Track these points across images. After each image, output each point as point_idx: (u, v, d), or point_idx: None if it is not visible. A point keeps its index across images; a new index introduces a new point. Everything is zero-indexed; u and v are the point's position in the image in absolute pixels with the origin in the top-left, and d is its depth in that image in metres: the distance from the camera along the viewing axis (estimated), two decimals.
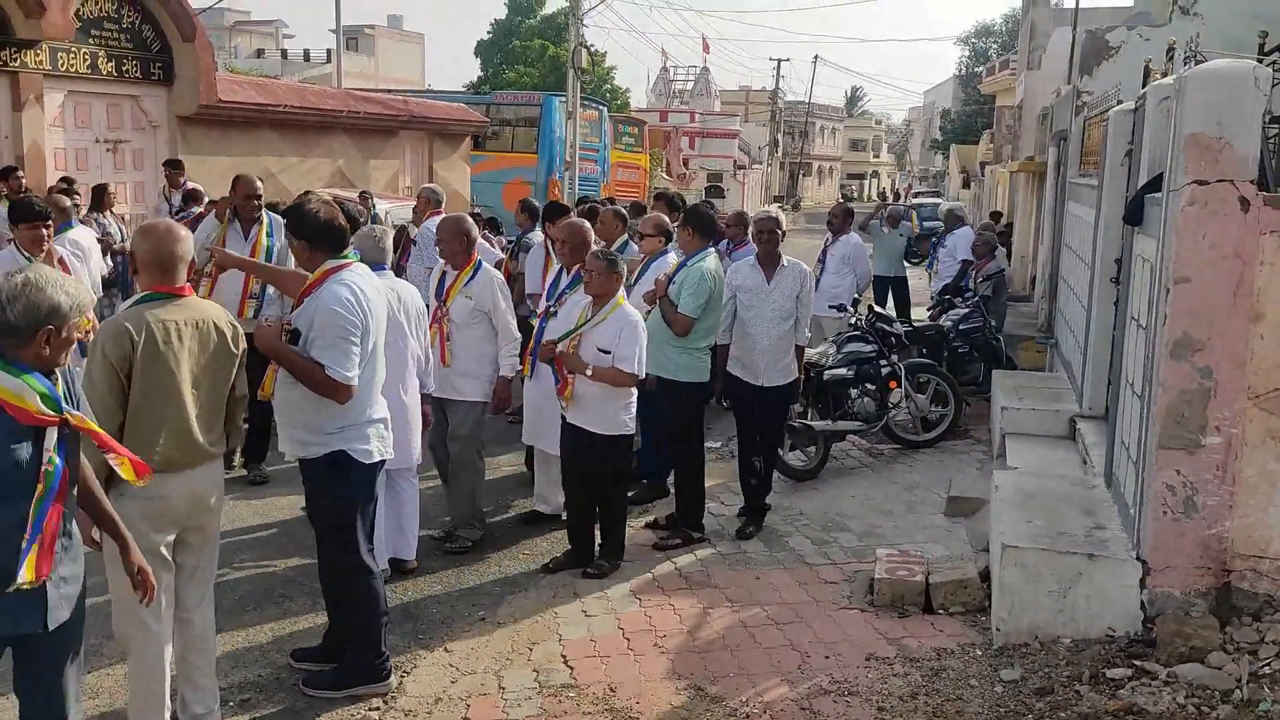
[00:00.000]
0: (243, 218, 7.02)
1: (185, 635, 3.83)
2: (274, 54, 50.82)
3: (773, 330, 6.23)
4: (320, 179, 15.50)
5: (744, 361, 6.31)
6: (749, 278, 6.32)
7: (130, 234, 7.53)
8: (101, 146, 13.16)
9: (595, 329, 5.47)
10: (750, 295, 6.27)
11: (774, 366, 6.27)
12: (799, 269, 6.34)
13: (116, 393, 3.45)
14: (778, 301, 6.23)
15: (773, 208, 6.35)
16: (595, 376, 5.38)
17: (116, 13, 12.90)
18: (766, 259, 6.30)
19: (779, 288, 6.24)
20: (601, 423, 5.48)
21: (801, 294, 6.30)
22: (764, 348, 6.23)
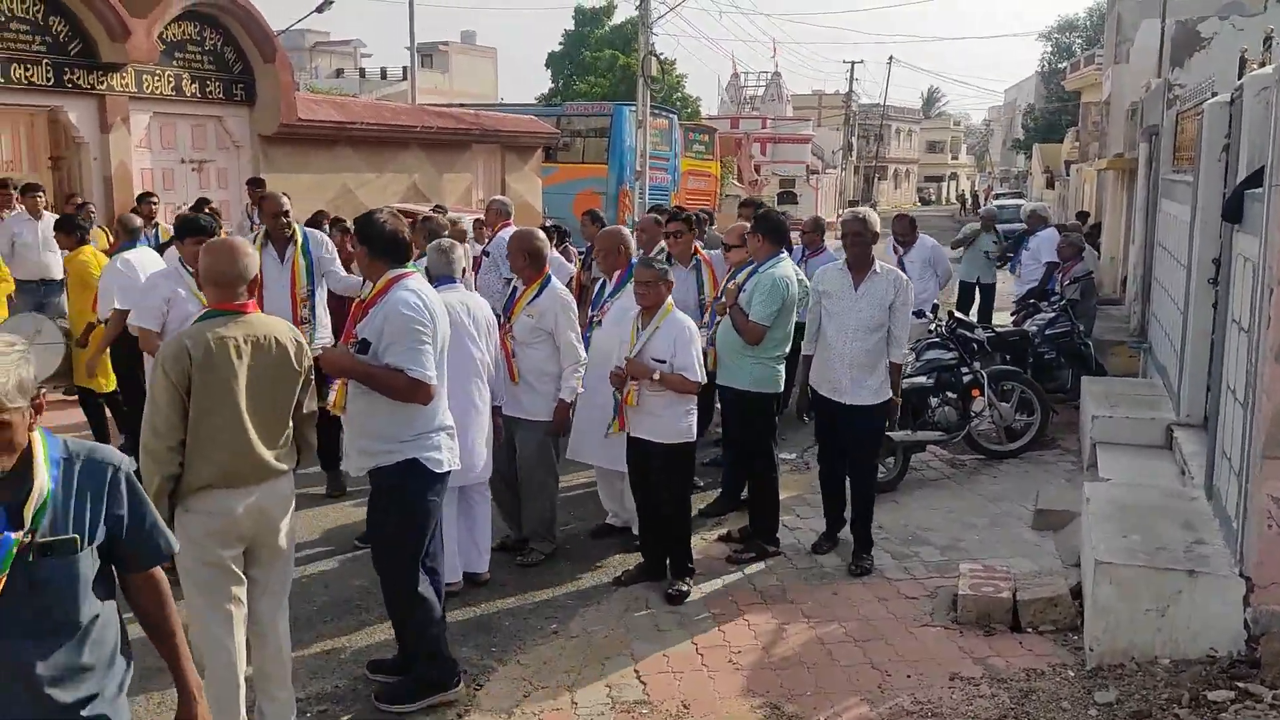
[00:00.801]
0: (274, 238, 6.73)
1: (260, 649, 3.83)
2: (352, 73, 51.85)
3: (857, 342, 5.67)
4: (395, 194, 15.71)
5: (825, 375, 5.83)
6: (835, 282, 5.81)
7: None
8: (187, 166, 13.49)
9: (650, 340, 5.36)
10: (834, 302, 5.77)
11: (860, 384, 5.70)
12: (893, 277, 5.76)
13: (178, 409, 3.46)
14: (865, 310, 5.67)
15: (863, 207, 5.88)
16: (663, 382, 5.27)
17: (199, 35, 13.23)
18: (855, 262, 5.76)
19: (868, 295, 5.69)
20: (663, 432, 5.36)
21: (895, 304, 5.68)
22: (846, 361, 5.70)
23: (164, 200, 12.67)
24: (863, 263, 5.74)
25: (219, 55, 13.54)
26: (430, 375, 4.05)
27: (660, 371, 5.27)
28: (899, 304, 5.71)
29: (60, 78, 11.65)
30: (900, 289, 5.73)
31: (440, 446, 4.25)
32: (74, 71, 11.78)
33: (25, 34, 11.31)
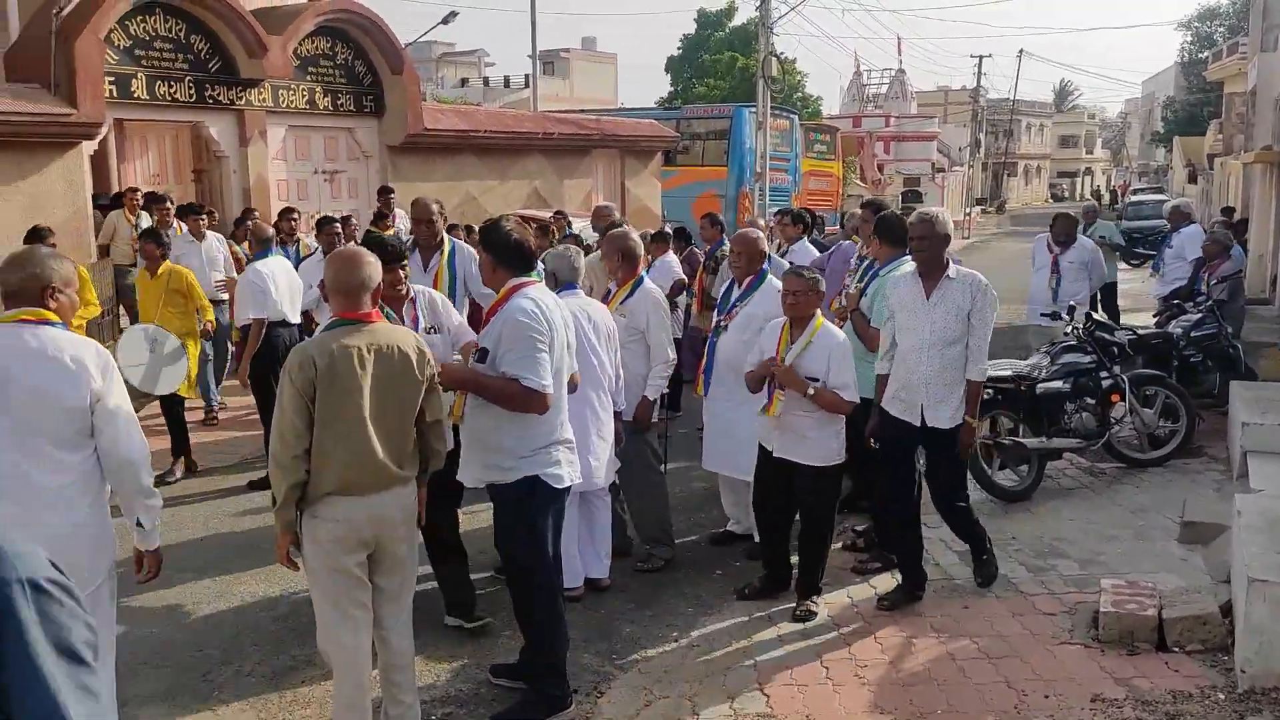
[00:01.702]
0: (422, 245, 6.43)
1: (385, 653, 3.89)
2: (476, 82, 52.93)
3: (934, 357, 5.06)
4: (518, 200, 15.93)
5: (901, 396, 5.21)
6: (905, 292, 5.20)
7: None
8: (319, 177, 13.94)
9: (802, 355, 5.11)
10: (907, 314, 5.17)
11: (940, 403, 5.11)
12: (970, 281, 5.13)
13: (304, 417, 3.53)
14: (940, 321, 5.06)
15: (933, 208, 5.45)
16: (817, 398, 5.01)
17: (331, 50, 13.65)
18: (925, 268, 5.15)
19: (942, 304, 5.07)
20: (812, 454, 5.13)
21: (974, 313, 5.06)
22: (923, 378, 5.10)
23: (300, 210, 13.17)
24: (934, 268, 5.12)
25: (350, 69, 13.95)
26: (546, 384, 4.02)
27: (814, 388, 5.02)
28: (979, 313, 5.08)
29: (202, 94, 12.16)
30: (979, 295, 5.09)
31: (560, 462, 4.23)
32: (214, 88, 12.29)
33: (169, 53, 11.85)
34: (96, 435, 3.27)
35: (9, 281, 3.28)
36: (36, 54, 10.65)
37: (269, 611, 5.31)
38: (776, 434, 5.19)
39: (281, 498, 3.55)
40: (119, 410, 3.32)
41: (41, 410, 3.18)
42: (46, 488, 3.19)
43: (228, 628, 5.12)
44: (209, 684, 4.56)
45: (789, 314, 5.22)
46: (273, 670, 4.69)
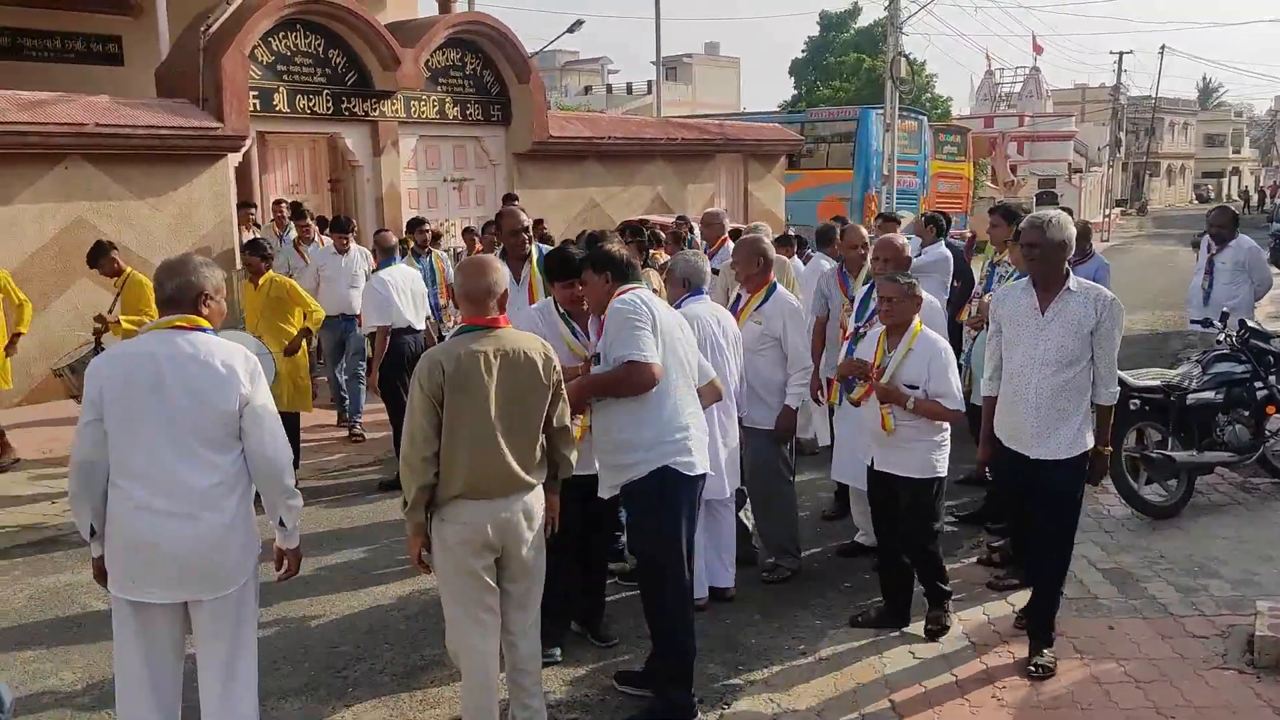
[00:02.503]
0: (511, 255, 6.27)
1: (512, 656, 3.91)
2: (600, 89, 53.44)
3: (1046, 380, 4.48)
4: (640, 206, 16.00)
5: (1008, 422, 4.64)
6: (1016, 305, 4.62)
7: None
8: (448, 185, 14.26)
9: (902, 364, 4.93)
10: (1017, 330, 4.59)
11: (1050, 433, 4.50)
12: (1094, 295, 4.49)
13: (432, 421, 3.59)
14: (1055, 339, 4.47)
15: (1049, 210, 4.82)
16: (916, 410, 4.85)
17: (460, 61, 13.96)
18: (1039, 279, 4.54)
19: (1058, 320, 4.47)
20: (911, 465, 4.92)
21: (1099, 331, 4.44)
22: (1032, 404, 4.51)
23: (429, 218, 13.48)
24: (1049, 280, 4.52)
25: (478, 79, 14.23)
26: (648, 355, 4.08)
27: (914, 399, 4.85)
28: (1104, 331, 4.45)
29: (339, 106, 12.58)
30: (1105, 310, 4.45)
31: (689, 449, 4.23)
32: (350, 100, 12.70)
33: (309, 67, 12.29)
34: (244, 438, 3.38)
35: (165, 288, 3.40)
36: (186, 71, 11.19)
37: (401, 610, 5.42)
38: (877, 445, 5.04)
39: (411, 500, 3.62)
40: (266, 414, 3.42)
41: (194, 413, 3.30)
42: (199, 487, 3.30)
43: (361, 625, 5.24)
44: (343, 680, 4.67)
45: (884, 321, 5.07)
46: (404, 669, 4.77)
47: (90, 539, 3.39)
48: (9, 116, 9.58)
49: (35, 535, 6.58)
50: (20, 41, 15.53)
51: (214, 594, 3.37)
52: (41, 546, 6.41)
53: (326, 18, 12.24)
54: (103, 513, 3.35)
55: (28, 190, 9.87)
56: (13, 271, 9.74)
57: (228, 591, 3.40)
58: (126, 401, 3.26)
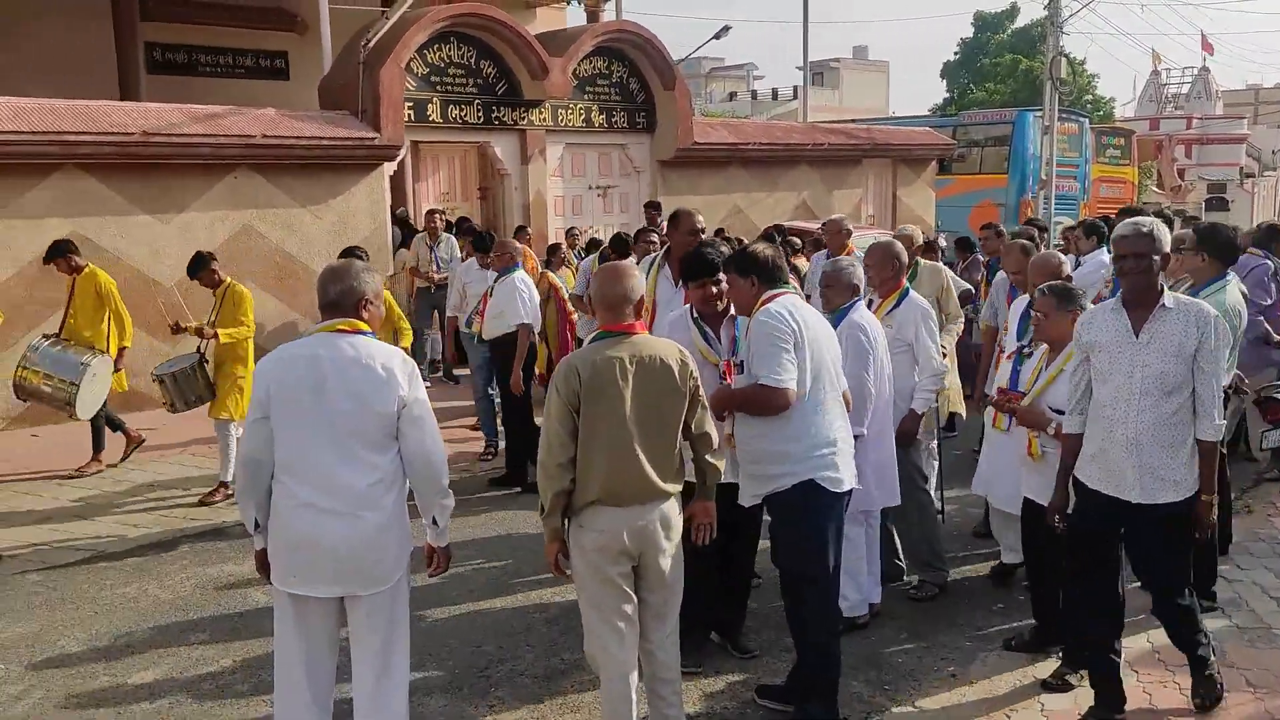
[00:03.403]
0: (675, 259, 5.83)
1: (650, 666, 3.88)
2: (744, 95, 53.33)
3: (1145, 411, 3.93)
4: (785, 212, 15.84)
5: (1100, 461, 4.08)
6: (1105, 328, 4.06)
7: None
8: (593, 193, 14.41)
9: (1053, 385, 4.63)
10: (1108, 356, 4.03)
11: (1158, 471, 3.96)
12: (1195, 313, 3.94)
13: (568, 427, 3.60)
14: (1155, 364, 3.92)
15: (1148, 217, 4.32)
16: (1058, 436, 4.47)
17: (607, 69, 14.09)
18: (1134, 296, 4.00)
19: (1156, 341, 3.94)
20: (1047, 492, 4.50)
21: (1201, 353, 3.90)
22: (1129, 439, 3.95)
23: (571, 224, 13.68)
24: (1145, 297, 3.98)
25: (624, 86, 14.34)
26: (782, 379, 3.98)
27: (1056, 424, 4.49)
28: (1208, 353, 3.91)
29: (489, 116, 12.87)
30: (1207, 330, 3.91)
31: (836, 465, 4.13)
32: (500, 109, 12.98)
33: (461, 78, 12.62)
34: (400, 438, 3.46)
35: (329, 292, 3.50)
36: (346, 83, 11.64)
37: (541, 614, 5.46)
38: (1025, 469, 4.80)
39: (548, 506, 3.63)
40: (423, 416, 3.49)
41: (355, 415, 3.39)
42: (358, 486, 3.40)
43: (503, 626, 5.30)
44: (486, 680, 4.73)
45: (1038, 338, 4.81)
46: (545, 671, 4.80)
47: (254, 532, 3.53)
48: (185, 129, 10.13)
49: (201, 526, 6.91)
50: (196, 58, 16.49)
51: (370, 590, 3.46)
52: (206, 537, 6.71)
53: (479, 29, 12.54)
54: (267, 507, 3.47)
55: (201, 199, 10.42)
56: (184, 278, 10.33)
57: (383, 588, 3.49)
58: (291, 402, 3.37)
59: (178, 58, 16.28)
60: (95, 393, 7.68)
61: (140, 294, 9.18)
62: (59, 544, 6.56)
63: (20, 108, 9.41)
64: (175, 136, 10.03)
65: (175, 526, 6.88)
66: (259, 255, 10.88)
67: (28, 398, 7.73)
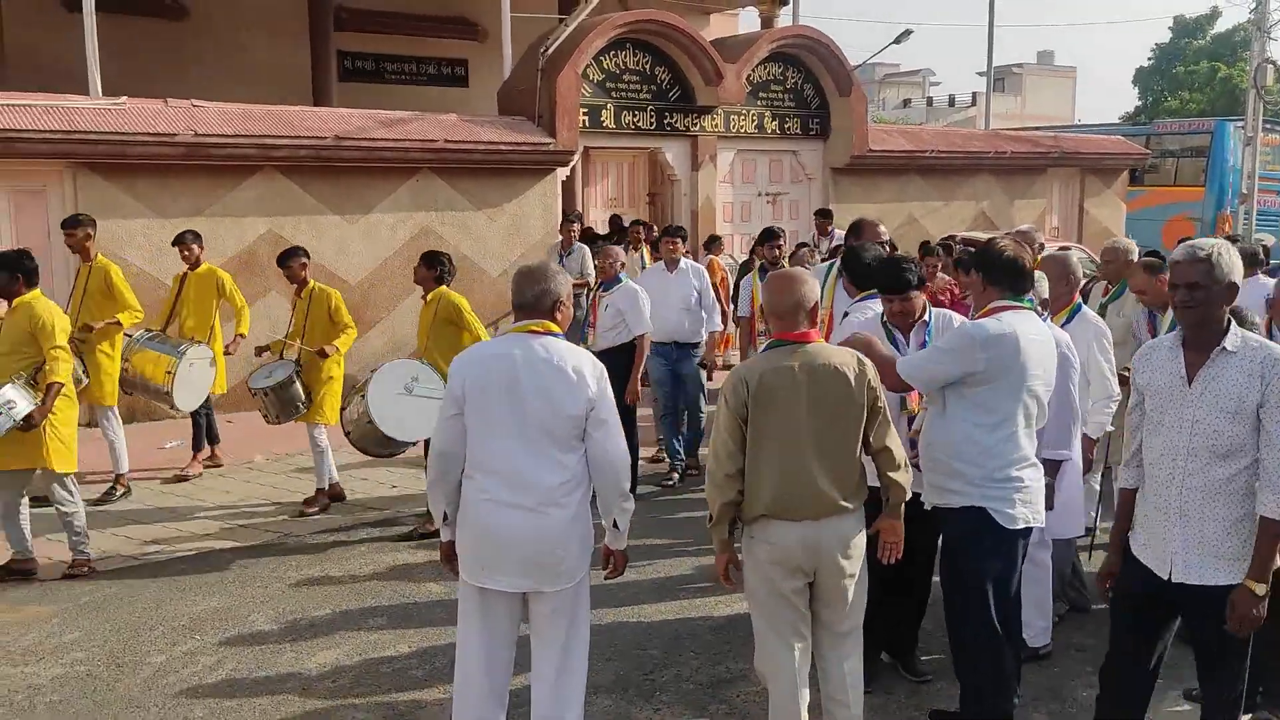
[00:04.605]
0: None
1: (826, 684, 3.78)
2: (919, 102, 52.15)
3: (1195, 475, 3.26)
4: (963, 222, 15.38)
5: (1145, 528, 3.44)
6: (1161, 370, 3.39)
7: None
8: (763, 199, 14.32)
9: None
10: (1159, 404, 3.37)
11: (1204, 548, 3.27)
12: (1261, 357, 3.23)
13: (736, 437, 3.54)
14: (1207, 418, 3.24)
15: (1210, 240, 3.38)
16: None
17: (781, 75, 13.99)
18: (1192, 334, 3.33)
19: (1211, 391, 3.25)
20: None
21: (1267, 409, 3.18)
22: (1175, 505, 3.30)
23: (740, 232, 13.63)
24: (1201, 337, 3.30)
25: (798, 92, 14.20)
26: (915, 378, 3.95)
27: None
28: (1273, 408, 3.17)
29: (661, 122, 12.96)
30: (1274, 379, 3.18)
31: (1013, 500, 3.91)
32: (672, 115, 13.05)
33: (635, 84, 12.75)
34: (587, 439, 3.50)
35: (526, 294, 3.55)
36: (525, 89, 11.93)
37: (706, 621, 5.41)
38: None
39: (715, 516, 3.59)
40: (610, 419, 3.52)
41: (546, 414, 3.43)
42: (548, 485, 3.44)
43: (668, 631, 5.28)
44: (651, 683, 4.71)
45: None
46: (710, 679, 4.75)
47: (443, 524, 3.61)
48: (372, 134, 10.58)
49: (377, 515, 7.16)
50: (382, 66, 17.26)
51: (555, 586, 3.51)
52: (383, 526, 6.94)
53: (655, 35, 12.65)
54: (456, 501, 3.55)
55: (386, 200, 10.86)
56: (368, 274, 10.78)
57: (568, 585, 3.53)
58: (485, 399, 3.44)
59: (366, 65, 17.08)
60: (194, 383, 7.53)
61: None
62: (245, 527, 6.92)
63: (227, 112, 10.02)
64: (364, 141, 10.49)
65: (356, 518, 7.12)
66: None
67: (131, 390, 7.60)
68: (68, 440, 5.89)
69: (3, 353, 5.87)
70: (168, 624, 5.32)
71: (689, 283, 8.06)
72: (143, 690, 4.61)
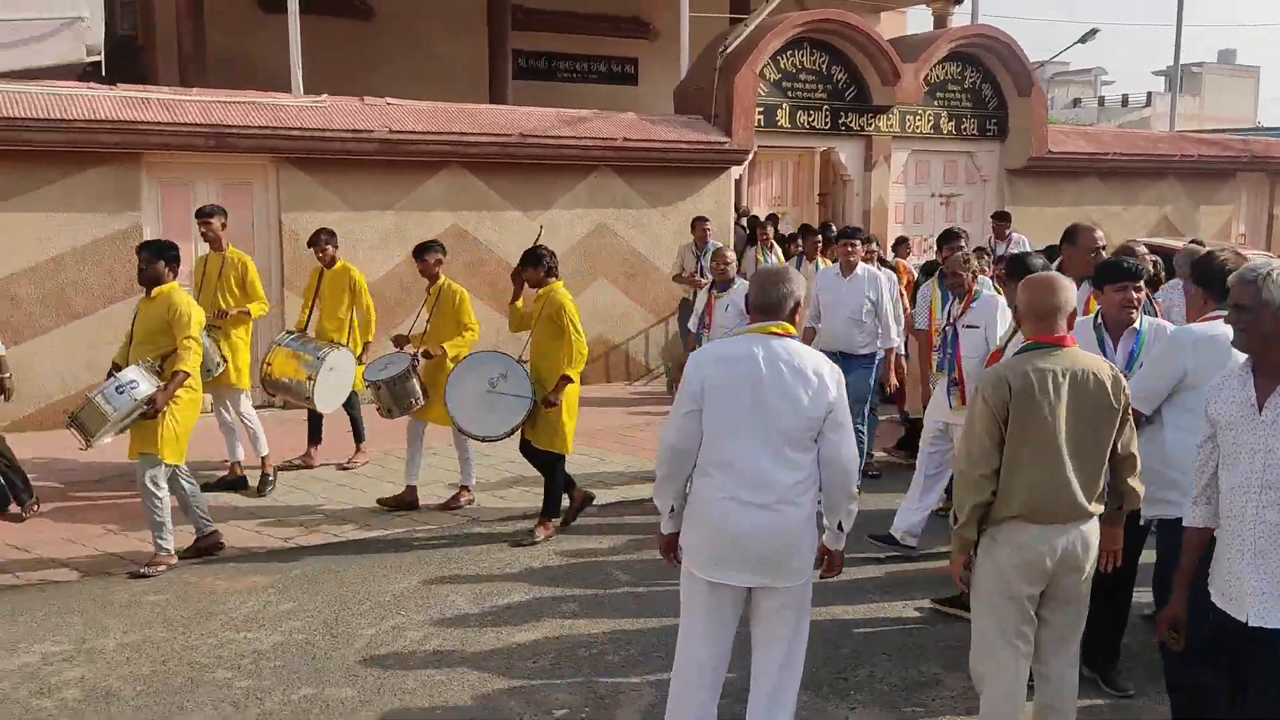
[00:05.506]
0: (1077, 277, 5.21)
1: (1044, 690, 3.76)
2: (1090, 102, 50.15)
3: (1268, 508, 3.00)
4: (1144, 227, 14.78)
5: (1219, 566, 3.17)
6: (1231, 399, 3.14)
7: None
8: (936, 201, 14.06)
9: None
10: (1231, 436, 3.12)
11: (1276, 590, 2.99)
12: None
13: (994, 437, 3.52)
14: (1278, 446, 2.99)
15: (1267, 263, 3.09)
16: None
17: (959, 75, 13.71)
18: (1261, 361, 3.09)
19: None
20: None
21: None
22: (1250, 545, 3.04)
23: (912, 233, 13.39)
24: (1271, 362, 3.06)
25: (976, 92, 13.89)
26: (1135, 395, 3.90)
27: None
28: None
29: (835, 122, 12.87)
30: None
31: None
32: (847, 115, 12.94)
33: (810, 84, 12.70)
34: (821, 441, 3.54)
35: (770, 295, 3.60)
36: (701, 88, 12.03)
37: (898, 625, 5.39)
38: None
39: (964, 517, 3.58)
40: (845, 422, 3.56)
41: (787, 415, 3.49)
42: (783, 483, 3.50)
43: (858, 631, 5.28)
44: (845, 682, 4.72)
45: None
46: (903, 682, 4.73)
47: (669, 517, 3.70)
48: (555, 132, 10.86)
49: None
50: (555, 65, 17.63)
51: (787, 582, 3.56)
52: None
53: (833, 35, 12.58)
54: (683, 495, 3.64)
55: (565, 196, 11.13)
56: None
57: (798, 581, 3.58)
58: (727, 398, 3.50)
59: (539, 64, 17.48)
60: (335, 385, 7.52)
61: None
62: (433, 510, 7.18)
63: (418, 110, 10.46)
64: (547, 138, 10.78)
65: (531, 505, 7.24)
66: (611, 253, 11.46)
67: (274, 390, 7.66)
68: (183, 434, 5.94)
69: (137, 340, 6.06)
70: (373, 599, 5.60)
71: (862, 291, 7.58)
72: (358, 660, 4.88)
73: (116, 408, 5.69)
